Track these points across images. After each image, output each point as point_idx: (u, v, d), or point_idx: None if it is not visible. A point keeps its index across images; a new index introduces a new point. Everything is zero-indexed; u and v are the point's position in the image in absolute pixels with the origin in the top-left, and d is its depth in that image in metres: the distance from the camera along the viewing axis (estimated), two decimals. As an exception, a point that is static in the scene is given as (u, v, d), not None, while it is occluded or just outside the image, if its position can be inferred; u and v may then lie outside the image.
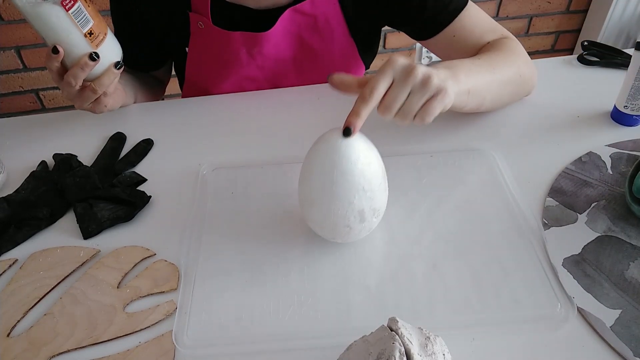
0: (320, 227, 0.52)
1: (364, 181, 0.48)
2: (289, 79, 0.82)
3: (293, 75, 0.81)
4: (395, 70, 0.49)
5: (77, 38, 0.60)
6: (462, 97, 0.57)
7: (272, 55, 0.77)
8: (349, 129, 0.48)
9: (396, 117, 0.51)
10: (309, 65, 0.80)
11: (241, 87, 0.81)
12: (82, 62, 0.60)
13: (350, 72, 0.81)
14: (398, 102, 0.49)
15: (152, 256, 0.56)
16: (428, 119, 0.51)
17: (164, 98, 0.88)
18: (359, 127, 0.48)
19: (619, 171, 0.62)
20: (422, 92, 0.49)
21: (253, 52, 0.75)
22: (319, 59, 0.79)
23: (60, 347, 0.48)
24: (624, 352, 0.44)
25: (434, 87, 0.49)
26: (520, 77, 0.68)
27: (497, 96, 0.67)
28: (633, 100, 0.66)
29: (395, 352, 0.37)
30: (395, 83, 0.49)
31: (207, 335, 0.48)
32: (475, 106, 0.63)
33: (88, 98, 0.64)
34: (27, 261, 0.56)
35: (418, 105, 0.50)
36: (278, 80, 0.82)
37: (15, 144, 0.73)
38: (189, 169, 0.66)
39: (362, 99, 0.49)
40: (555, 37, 1.90)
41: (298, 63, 0.80)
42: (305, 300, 0.50)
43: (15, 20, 1.51)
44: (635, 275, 0.50)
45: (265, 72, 0.80)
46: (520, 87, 0.70)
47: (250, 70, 0.78)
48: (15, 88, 1.68)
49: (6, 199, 0.62)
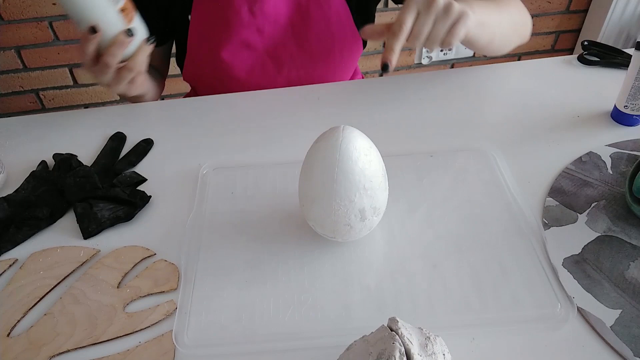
0: (320, 226, 0.52)
1: (365, 180, 0.48)
2: (287, 48, 0.82)
3: (291, 43, 0.81)
4: (417, 3, 0.56)
5: (112, 15, 0.58)
6: (478, 28, 0.62)
7: (272, 16, 0.78)
8: (386, 64, 0.56)
9: (425, 44, 0.58)
10: (306, 31, 0.80)
11: (240, 58, 0.80)
12: (120, 39, 0.60)
13: (346, 44, 0.84)
14: (425, 31, 0.56)
15: (152, 256, 0.56)
16: (454, 41, 0.57)
17: (163, 98, 0.88)
18: (394, 62, 0.56)
19: (619, 171, 0.62)
20: (446, 18, 0.56)
21: (254, 9, 0.76)
22: (315, 26, 0.80)
23: (60, 347, 0.48)
24: (624, 352, 0.44)
25: (456, 12, 0.56)
26: (521, 20, 0.75)
27: (505, 34, 0.72)
28: (633, 100, 0.66)
29: (395, 352, 0.37)
30: (420, 15, 0.56)
31: (207, 335, 0.48)
32: (487, 41, 0.67)
33: (124, 78, 0.65)
34: (27, 261, 0.56)
35: (443, 31, 0.57)
36: (277, 51, 0.82)
37: (15, 144, 0.73)
38: (189, 169, 0.66)
39: (393, 35, 0.56)
40: (555, 37, 1.90)
41: (296, 29, 0.80)
42: (305, 300, 0.50)
43: (15, 20, 1.51)
44: (635, 275, 0.50)
45: (264, 39, 0.80)
46: (522, 29, 0.76)
47: (250, 34, 0.78)
48: (15, 88, 1.68)
49: (6, 199, 0.62)
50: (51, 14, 1.52)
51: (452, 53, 1.84)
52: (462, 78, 0.82)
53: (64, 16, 1.53)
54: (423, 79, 0.82)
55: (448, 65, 1.89)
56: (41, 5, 1.49)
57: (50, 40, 1.57)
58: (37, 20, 1.52)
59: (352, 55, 0.87)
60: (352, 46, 0.85)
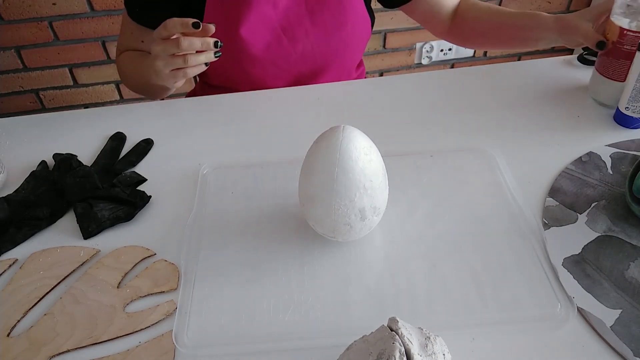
0: (320, 226, 0.52)
1: (365, 179, 0.48)
2: (302, 24, 0.82)
3: (305, 18, 0.81)
4: None
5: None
6: None
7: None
8: (602, 42, 0.67)
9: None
10: (320, 5, 0.81)
11: (257, 35, 0.80)
12: (209, 46, 0.65)
13: (358, 21, 0.85)
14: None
15: (152, 256, 0.56)
16: None
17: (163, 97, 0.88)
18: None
19: (619, 171, 0.62)
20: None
21: None
22: (328, 0, 0.80)
23: (60, 347, 0.48)
24: (624, 352, 0.44)
25: None
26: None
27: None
28: (634, 102, 0.66)
29: (395, 352, 0.37)
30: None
31: (207, 335, 0.48)
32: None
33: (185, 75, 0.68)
34: (27, 261, 0.56)
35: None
36: (291, 26, 0.82)
37: (15, 144, 0.73)
38: (189, 169, 0.66)
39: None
40: (555, 37, 1.90)
41: (310, 3, 0.80)
42: (305, 300, 0.50)
43: (16, 20, 1.51)
44: (635, 275, 0.50)
45: (279, 12, 0.80)
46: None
47: (266, 7, 0.78)
48: (15, 88, 1.68)
49: (6, 199, 0.62)
50: (51, 14, 1.52)
51: (452, 53, 1.84)
52: (462, 78, 0.82)
53: (64, 16, 1.53)
54: (423, 79, 0.82)
55: (448, 65, 1.89)
56: (41, 5, 1.49)
57: (50, 40, 1.57)
58: (37, 20, 1.52)
59: (363, 33, 0.87)
60: (363, 23, 0.86)
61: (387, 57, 1.81)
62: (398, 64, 1.85)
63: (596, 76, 0.72)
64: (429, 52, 1.82)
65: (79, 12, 1.53)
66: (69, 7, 1.51)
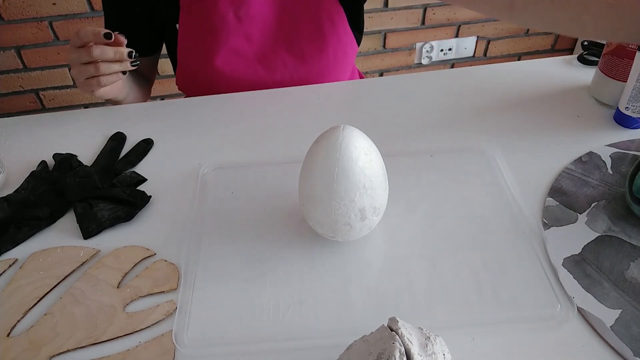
0: (320, 226, 0.52)
1: (365, 179, 0.48)
2: (279, 54, 0.81)
3: (281, 48, 0.80)
4: None
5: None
6: None
7: (259, 21, 0.77)
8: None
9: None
10: (295, 34, 0.79)
11: (232, 66, 0.80)
12: (123, 57, 0.66)
13: (340, 45, 0.81)
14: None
15: (152, 256, 0.56)
16: None
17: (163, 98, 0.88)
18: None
19: (619, 171, 0.62)
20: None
21: (240, 13, 0.76)
22: (304, 28, 0.79)
23: (60, 347, 0.48)
24: (624, 352, 0.44)
25: None
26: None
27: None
28: (634, 102, 0.66)
29: (395, 352, 0.37)
30: None
31: (207, 335, 0.48)
32: None
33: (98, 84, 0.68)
34: (27, 261, 0.56)
35: None
36: (267, 58, 0.81)
37: (15, 144, 0.73)
38: (189, 169, 0.66)
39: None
40: (555, 37, 1.90)
41: (285, 32, 0.79)
42: (305, 300, 0.50)
43: (16, 20, 1.51)
44: (635, 275, 0.50)
45: (253, 45, 0.79)
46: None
47: (239, 41, 0.78)
48: (15, 88, 1.68)
49: (6, 199, 0.62)
50: (51, 14, 1.52)
51: (452, 53, 1.84)
52: (462, 78, 0.82)
53: (64, 16, 1.53)
54: (423, 79, 0.82)
55: (448, 65, 1.89)
56: (41, 5, 1.49)
57: (50, 40, 1.57)
58: (37, 20, 1.52)
59: (346, 55, 0.85)
60: (345, 46, 0.83)
61: (387, 57, 1.81)
62: (398, 64, 1.85)
63: (599, 75, 0.72)
64: (429, 52, 1.82)
65: (79, 12, 1.53)
66: (69, 7, 1.51)
